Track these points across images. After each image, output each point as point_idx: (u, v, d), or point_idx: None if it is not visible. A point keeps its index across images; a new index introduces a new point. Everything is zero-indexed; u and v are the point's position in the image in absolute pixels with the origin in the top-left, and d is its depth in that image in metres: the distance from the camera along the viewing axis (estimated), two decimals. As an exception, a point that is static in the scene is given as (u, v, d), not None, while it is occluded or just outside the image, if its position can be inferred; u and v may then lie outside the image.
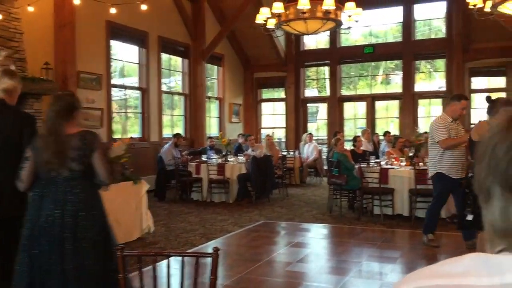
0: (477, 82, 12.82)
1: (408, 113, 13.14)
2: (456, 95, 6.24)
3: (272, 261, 5.32)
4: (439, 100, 13.26)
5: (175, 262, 4.23)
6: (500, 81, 12.56)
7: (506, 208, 0.59)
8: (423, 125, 13.03)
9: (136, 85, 11.13)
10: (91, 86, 9.42)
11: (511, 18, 6.88)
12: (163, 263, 3.77)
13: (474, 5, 6.25)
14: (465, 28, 11.95)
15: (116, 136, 9.89)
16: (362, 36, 14.48)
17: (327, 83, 14.48)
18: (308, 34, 7.88)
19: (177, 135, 10.40)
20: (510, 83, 11.90)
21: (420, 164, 7.39)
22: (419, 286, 0.60)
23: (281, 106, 15.09)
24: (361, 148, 9.83)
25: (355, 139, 9.94)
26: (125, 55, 10.96)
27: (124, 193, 5.98)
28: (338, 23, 7.51)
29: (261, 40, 13.12)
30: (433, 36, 13.41)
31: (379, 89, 14.32)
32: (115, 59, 10.59)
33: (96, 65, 9.55)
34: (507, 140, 0.60)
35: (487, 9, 6.41)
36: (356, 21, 7.58)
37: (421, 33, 13.49)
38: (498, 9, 6.01)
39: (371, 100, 13.85)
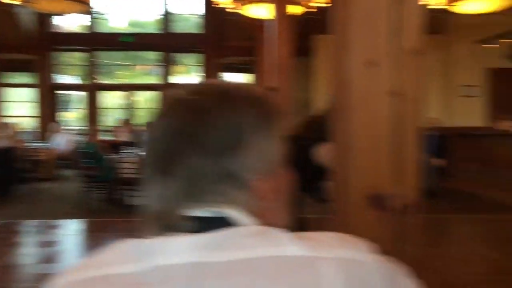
0: (229, 78, 13.94)
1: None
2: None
3: (13, 265, 4.76)
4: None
5: None
6: (248, 78, 13.94)
7: (162, 192, 0.61)
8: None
9: None
10: None
11: (253, 20, 7.63)
12: None
13: (217, 4, 6.72)
14: (219, 26, 12.80)
15: None
16: (124, 24, 14.15)
17: (84, 70, 13.70)
18: (57, 15, 7.30)
19: None
20: (256, 79, 13.28)
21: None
22: (69, 280, 0.58)
23: (30, 93, 13.61)
24: (120, 138, 9.63)
25: (114, 129, 9.68)
26: None
27: None
28: (90, 7, 7.14)
29: (3, 17, 11.53)
30: (192, 31, 13.97)
31: (139, 80, 14.24)
32: None
33: None
34: (160, 127, 0.63)
35: (237, 10, 6.97)
36: (111, 8, 7.33)
37: (181, 27, 13.90)
38: (240, 11, 6.57)
39: (131, 90, 13.68)
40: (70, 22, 13.54)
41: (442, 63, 11.04)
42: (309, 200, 2.08)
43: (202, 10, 13.63)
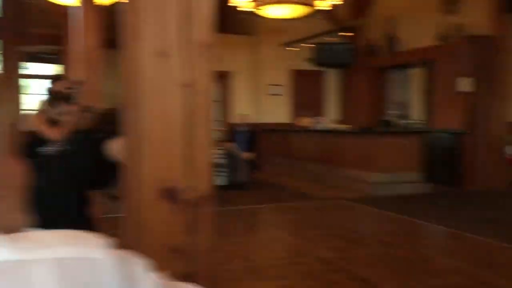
0: (34, 68, 12.71)
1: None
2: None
3: None
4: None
5: None
6: (55, 68, 12.86)
7: None
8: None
9: None
10: None
11: (58, 6, 7.05)
12: None
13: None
14: (20, 10, 11.55)
15: None
16: None
17: None
18: None
19: None
20: (65, 70, 12.33)
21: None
22: None
23: None
24: None
25: None
26: None
27: None
28: None
29: None
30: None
31: None
32: None
33: None
34: None
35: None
36: None
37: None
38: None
39: None
40: None
41: (252, 63, 11.74)
42: (103, 198, 1.97)
43: (-1, -10, 12.11)
